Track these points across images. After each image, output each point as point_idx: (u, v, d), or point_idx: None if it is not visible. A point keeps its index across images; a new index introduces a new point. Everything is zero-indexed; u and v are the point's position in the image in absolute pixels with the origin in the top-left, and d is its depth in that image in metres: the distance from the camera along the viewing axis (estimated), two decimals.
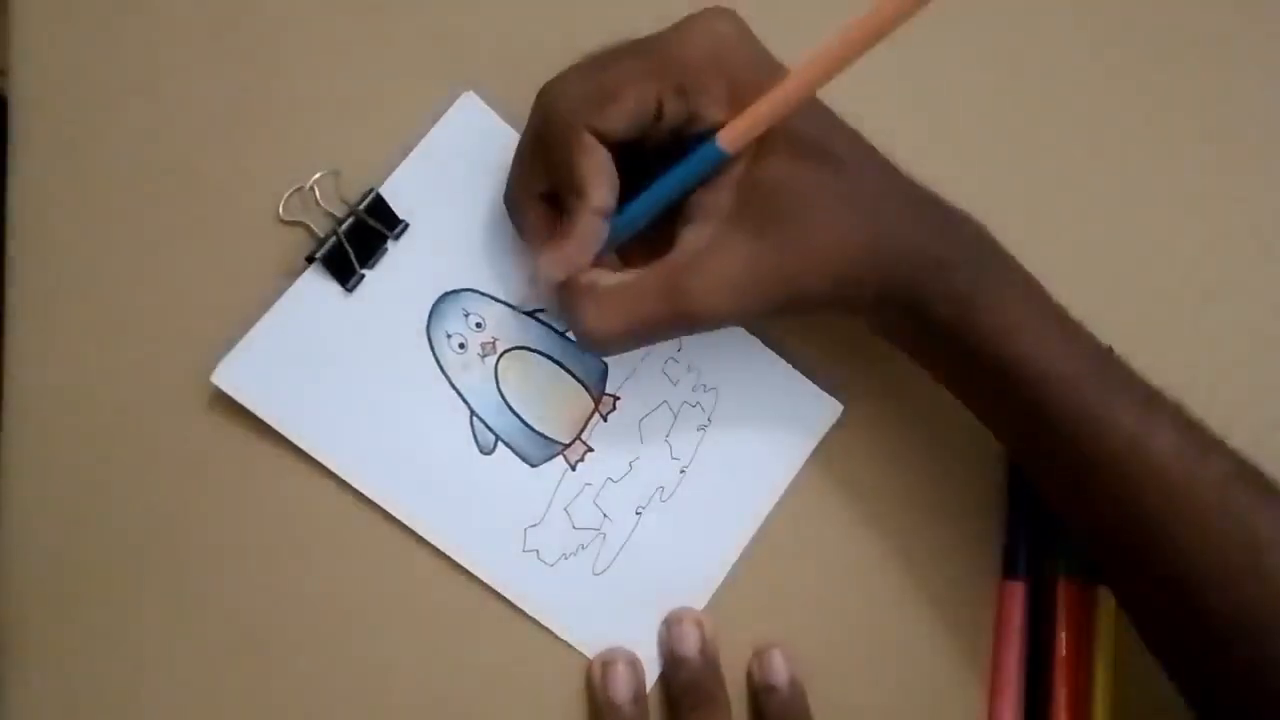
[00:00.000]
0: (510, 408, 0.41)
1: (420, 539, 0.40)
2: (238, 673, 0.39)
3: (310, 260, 0.39)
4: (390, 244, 0.40)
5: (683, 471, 0.43)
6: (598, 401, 0.42)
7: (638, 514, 0.42)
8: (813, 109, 0.36)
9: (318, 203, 0.40)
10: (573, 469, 0.42)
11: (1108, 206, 0.46)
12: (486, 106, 0.42)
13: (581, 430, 0.42)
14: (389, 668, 0.40)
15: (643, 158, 0.36)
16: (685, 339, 0.43)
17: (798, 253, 0.35)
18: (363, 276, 0.40)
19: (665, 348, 0.43)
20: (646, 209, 0.36)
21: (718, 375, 0.43)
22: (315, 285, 0.40)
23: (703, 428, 0.43)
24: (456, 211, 0.41)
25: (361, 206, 0.40)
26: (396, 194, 0.41)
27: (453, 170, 0.41)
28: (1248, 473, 0.35)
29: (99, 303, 0.40)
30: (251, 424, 0.39)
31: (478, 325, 0.41)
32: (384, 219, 0.40)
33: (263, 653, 0.40)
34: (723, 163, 0.34)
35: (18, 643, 0.38)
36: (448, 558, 0.40)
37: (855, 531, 0.43)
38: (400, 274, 0.41)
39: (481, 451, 0.41)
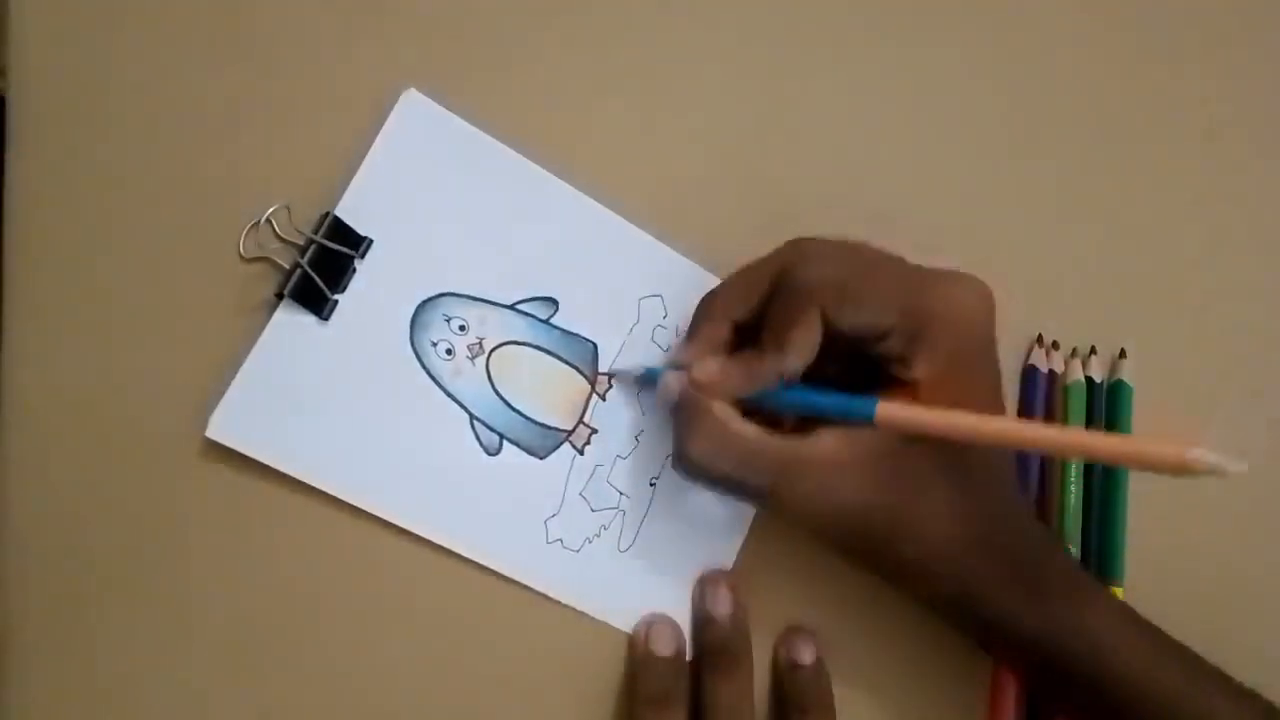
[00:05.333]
0: (508, 404, 0.41)
1: (443, 550, 0.40)
2: (240, 675, 0.39)
3: (280, 296, 0.38)
4: (358, 263, 0.40)
5: None
6: (593, 382, 0.42)
7: (652, 485, 0.42)
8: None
9: (277, 236, 0.39)
10: (580, 453, 0.42)
11: (1108, 207, 0.45)
12: (429, 100, 0.40)
13: (582, 414, 0.42)
14: (412, 676, 0.41)
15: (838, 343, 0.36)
16: (667, 299, 0.43)
17: (900, 531, 0.36)
18: (336, 302, 0.39)
19: (651, 315, 0.42)
20: (801, 405, 0.37)
21: None
22: (290, 320, 0.39)
23: None
24: (419, 216, 0.40)
25: (320, 233, 0.39)
26: (354, 211, 0.39)
27: (407, 173, 0.40)
28: None
29: (98, 303, 0.39)
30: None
31: (461, 328, 0.41)
32: (346, 239, 0.39)
33: (266, 657, 0.40)
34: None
35: (18, 643, 0.39)
36: (474, 563, 0.40)
37: None
38: (374, 291, 0.40)
39: (488, 453, 0.41)
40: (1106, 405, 0.44)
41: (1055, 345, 0.44)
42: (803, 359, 0.36)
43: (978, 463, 0.36)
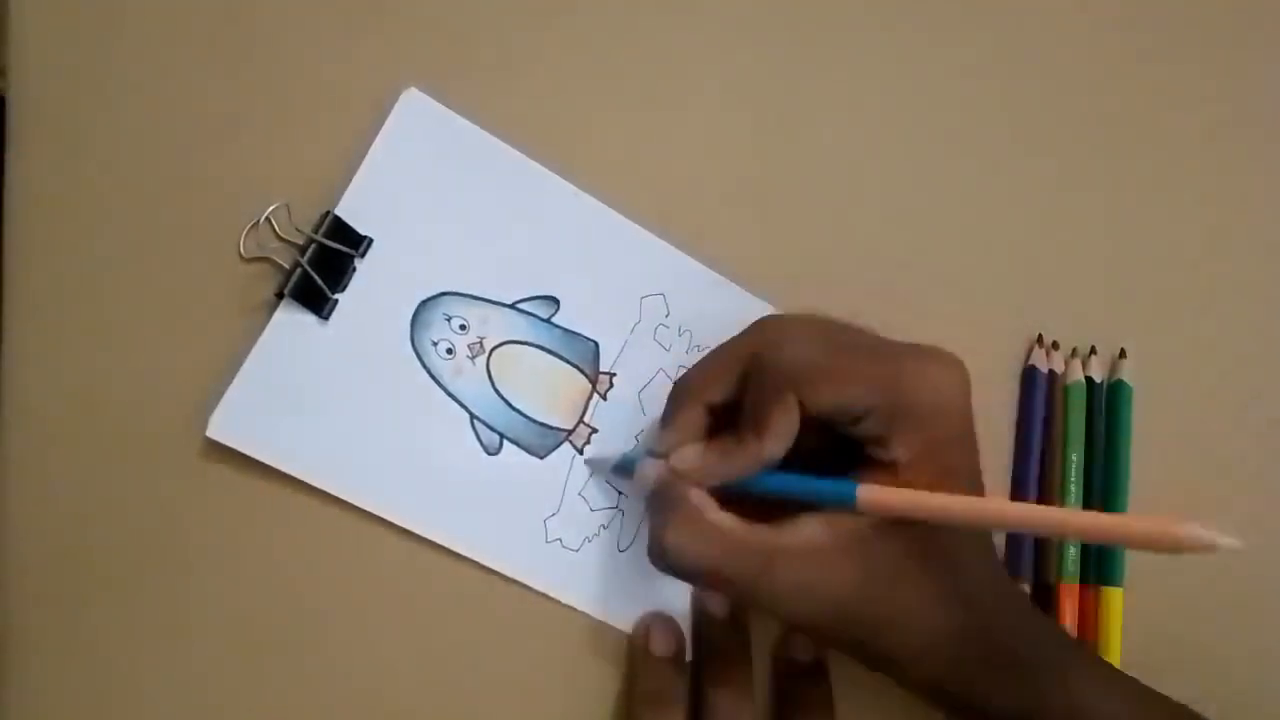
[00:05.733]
0: (509, 404, 0.41)
1: (443, 549, 0.40)
2: (240, 674, 0.39)
3: (280, 296, 0.38)
4: (358, 262, 0.39)
5: None
6: (594, 381, 0.42)
7: None
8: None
9: (277, 235, 0.39)
10: (580, 453, 0.42)
11: (1108, 207, 0.45)
12: (431, 99, 0.40)
13: (583, 413, 0.42)
14: (412, 675, 0.40)
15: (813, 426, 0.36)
16: (669, 298, 0.42)
17: (883, 620, 0.35)
18: (336, 302, 0.39)
19: (653, 313, 0.42)
20: (781, 490, 0.36)
21: (711, 334, 0.42)
22: (290, 320, 0.39)
23: None
24: (420, 215, 0.40)
25: (320, 232, 0.38)
26: (355, 210, 0.39)
27: (408, 173, 0.40)
28: None
29: (98, 303, 0.39)
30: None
31: (461, 327, 0.41)
32: (346, 239, 0.39)
33: (266, 656, 0.39)
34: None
35: (18, 643, 0.38)
36: (473, 562, 0.40)
37: None
38: (374, 291, 0.40)
39: (488, 452, 0.41)
40: (1106, 405, 0.44)
41: (1055, 345, 0.44)
42: (782, 445, 0.35)
43: (958, 542, 0.35)
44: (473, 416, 0.41)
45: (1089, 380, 0.44)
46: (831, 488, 0.35)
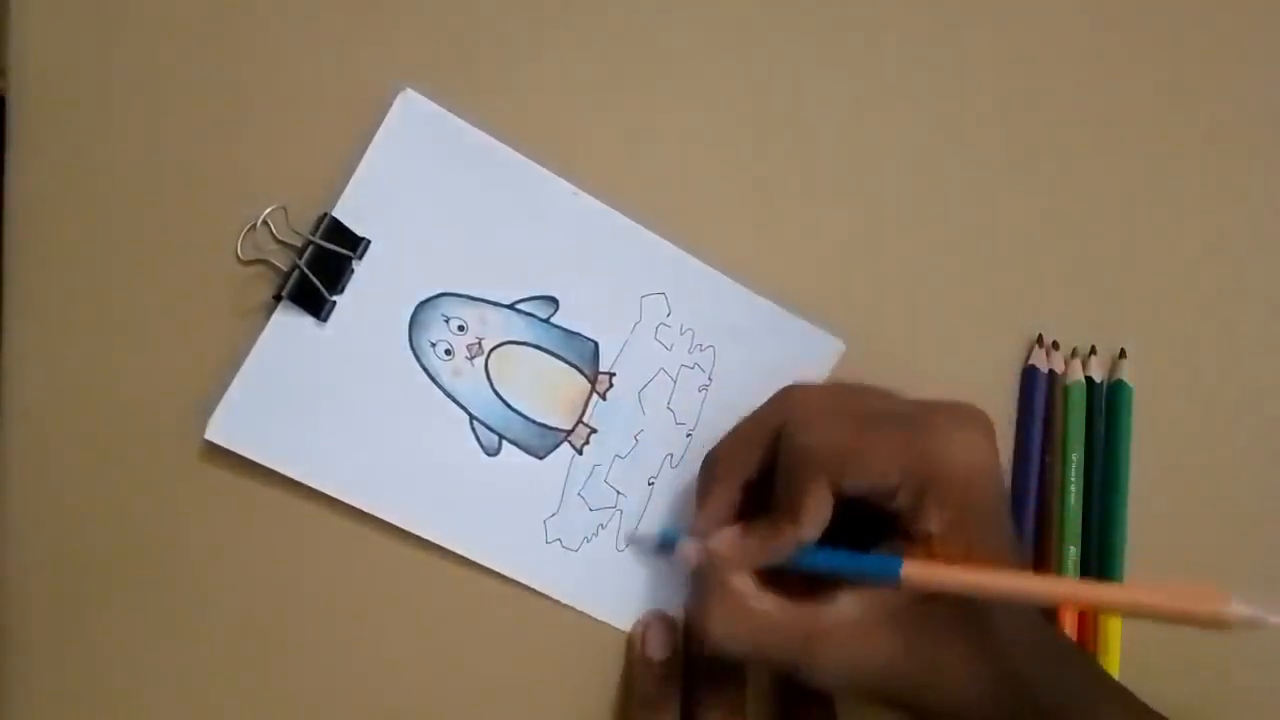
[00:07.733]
0: (508, 404, 0.41)
1: (443, 550, 0.40)
2: (239, 676, 0.40)
3: (278, 298, 0.38)
4: (356, 264, 0.39)
5: (689, 435, 0.42)
6: (594, 381, 0.42)
7: (650, 485, 0.42)
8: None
9: (274, 237, 0.39)
10: (579, 453, 0.42)
11: (1108, 207, 0.45)
12: (428, 100, 0.40)
13: (582, 413, 0.42)
14: (411, 676, 0.41)
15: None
16: (670, 297, 0.42)
17: (927, 683, 0.35)
18: (334, 303, 0.39)
19: (654, 312, 0.42)
20: (821, 567, 0.36)
21: (713, 333, 0.43)
22: (288, 322, 0.39)
23: (704, 388, 0.43)
24: (417, 216, 0.40)
25: (318, 234, 0.38)
26: (352, 211, 0.39)
27: (406, 173, 0.40)
28: None
29: (98, 303, 0.39)
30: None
31: (460, 328, 0.41)
32: (344, 240, 0.39)
33: (265, 657, 0.40)
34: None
35: (18, 642, 0.39)
36: (473, 563, 0.40)
37: None
38: (372, 292, 0.40)
39: (487, 453, 0.41)
40: (1106, 405, 0.44)
41: (1055, 345, 0.44)
42: (818, 527, 0.36)
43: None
44: (472, 417, 0.41)
45: (1089, 380, 0.44)
46: (875, 566, 0.35)
